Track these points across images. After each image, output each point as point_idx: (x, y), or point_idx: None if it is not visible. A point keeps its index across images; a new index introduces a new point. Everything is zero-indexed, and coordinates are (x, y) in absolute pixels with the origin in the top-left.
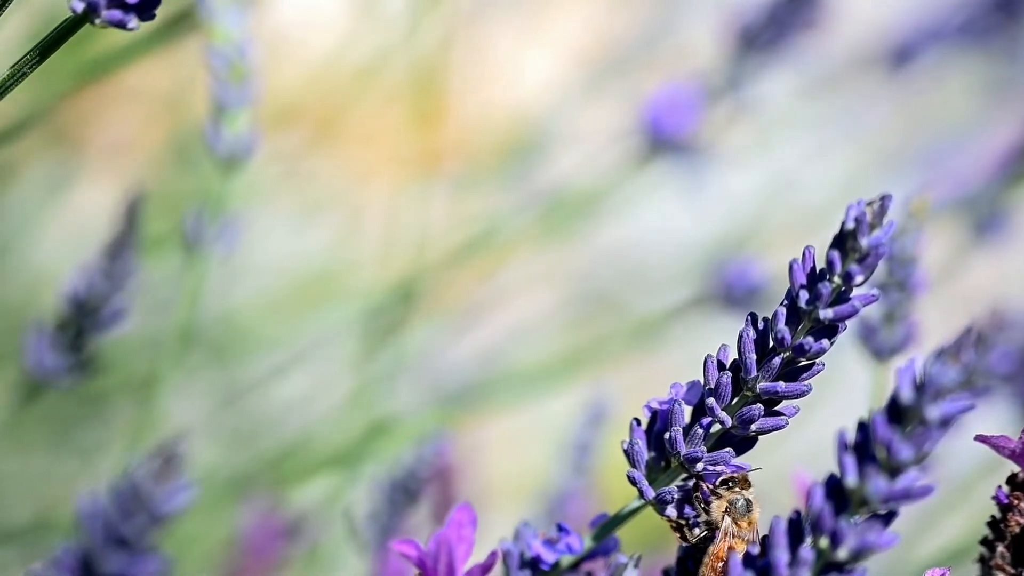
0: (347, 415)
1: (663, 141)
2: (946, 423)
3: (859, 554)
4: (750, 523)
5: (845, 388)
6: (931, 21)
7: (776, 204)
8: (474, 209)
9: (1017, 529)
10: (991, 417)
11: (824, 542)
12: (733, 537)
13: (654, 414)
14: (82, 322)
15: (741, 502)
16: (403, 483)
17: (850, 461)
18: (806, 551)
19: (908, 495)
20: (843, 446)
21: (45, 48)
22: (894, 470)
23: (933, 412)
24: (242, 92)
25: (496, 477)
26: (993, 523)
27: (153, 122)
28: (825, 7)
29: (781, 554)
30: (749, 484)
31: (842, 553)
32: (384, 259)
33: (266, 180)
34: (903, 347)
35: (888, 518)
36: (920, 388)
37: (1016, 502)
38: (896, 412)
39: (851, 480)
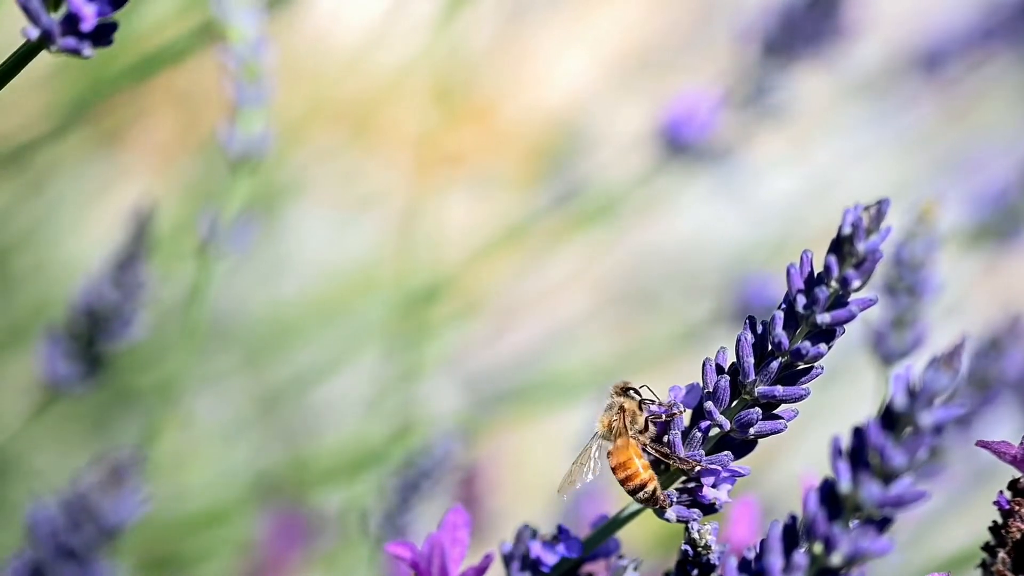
0: (380, 415)
1: (681, 146)
2: (939, 430)
3: (853, 560)
4: (607, 423)
5: (868, 393)
6: (962, 26)
7: (821, 205)
8: (513, 209)
9: (1018, 535)
10: (1009, 422)
11: (818, 547)
12: (601, 438)
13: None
14: (94, 332)
15: (610, 404)
16: (416, 483)
17: (844, 467)
18: (800, 556)
19: (901, 501)
20: (837, 452)
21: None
22: (887, 476)
23: (926, 419)
24: (256, 92)
25: (527, 477)
26: (995, 528)
27: (195, 122)
28: (854, 12)
29: (775, 559)
30: (626, 393)
31: (836, 559)
32: (423, 258)
33: (309, 178)
34: (912, 352)
35: (883, 524)
36: (914, 395)
37: (1017, 508)
38: (890, 418)
39: (844, 486)
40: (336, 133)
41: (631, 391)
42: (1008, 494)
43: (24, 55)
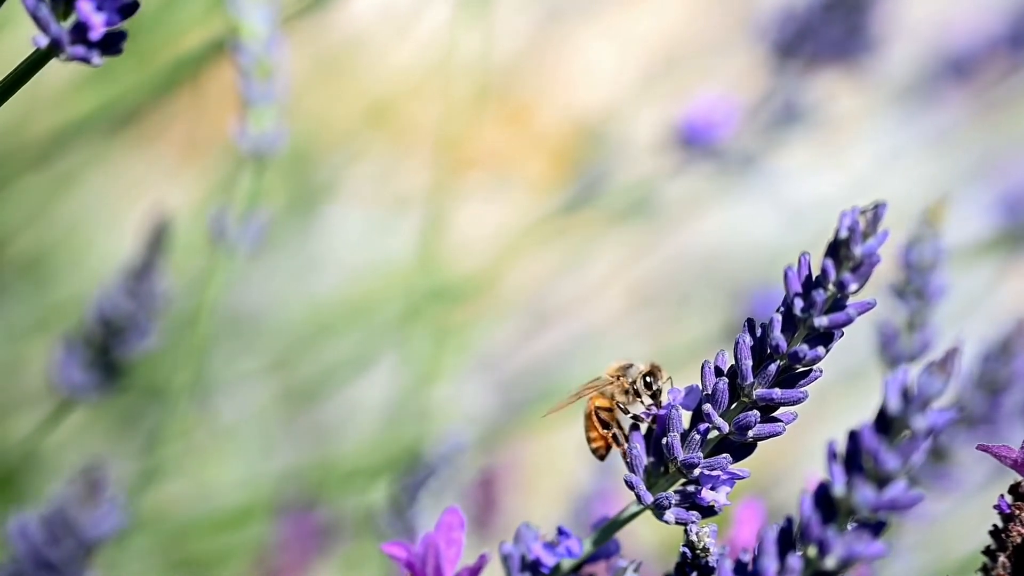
0: (407, 416)
1: (698, 149)
2: (932, 433)
3: (847, 563)
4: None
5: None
6: (990, 32)
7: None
8: (551, 209)
9: (1019, 539)
10: None
11: (812, 551)
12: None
13: (653, 419)
14: (109, 341)
15: (627, 366)
16: (425, 481)
17: (838, 470)
18: (794, 560)
19: (895, 505)
20: (832, 455)
21: (7, 87)
22: (881, 480)
23: (920, 423)
24: (268, 88)
25: (554, 480)
26: (995, 532)
27: (225, 116)
28: (881, 18)
29: (770, 562)
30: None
31: (830, 562)
32: (455, 259)
33: (345, 178)
34: (921, 355)
35: (877, 527)
36: (908, 399)
37: (1018, 512)
38: (884, 422)
39: (838, 489)
40: (371, 133)
41: (649, 379)
42: (1009, 498)
43: (34, 63)
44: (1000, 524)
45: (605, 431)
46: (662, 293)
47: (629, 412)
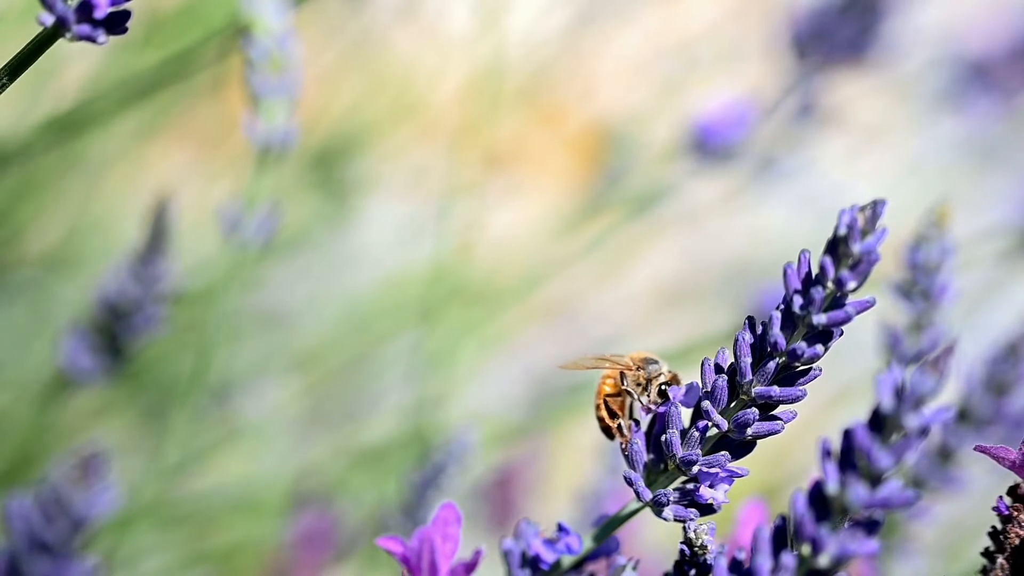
0: (428, 415)
1: (715, 150)
2: (925, 432)
3: (840, 561)
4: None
5: None
6: (1015, 36)
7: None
8: (578, 211)
9: (1017, 541)
10: None
11: (806, 549)
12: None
13: (654, 416)
14: (115, 327)
15: (650, 360)
16: (434, 479)
17: (831, 468)
18: (788, 558)
19: (888, 503)
20: (826, 454)
21: (17, 65)
22: (874, 478)
23: (912, 421)
24: (280, 83)
25: (575, 481)
26: (994, 534)
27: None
28: (906, 20)
29: (764, 560)
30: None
31: (823, 560)
32: (488, 256)
33: (380, 175)
34: (927, 355)
35: (871, 526)
36: (901, 398)
37: (1017, 514)
38: (877, 421)
39: (832, 487)
40: (406, 131)
41: (664, 387)
42: (1008, 500)
43: (41, 43)
44: (999, 526)
45: (612, 420)
46: (690, 293)
47: (639, 407)
